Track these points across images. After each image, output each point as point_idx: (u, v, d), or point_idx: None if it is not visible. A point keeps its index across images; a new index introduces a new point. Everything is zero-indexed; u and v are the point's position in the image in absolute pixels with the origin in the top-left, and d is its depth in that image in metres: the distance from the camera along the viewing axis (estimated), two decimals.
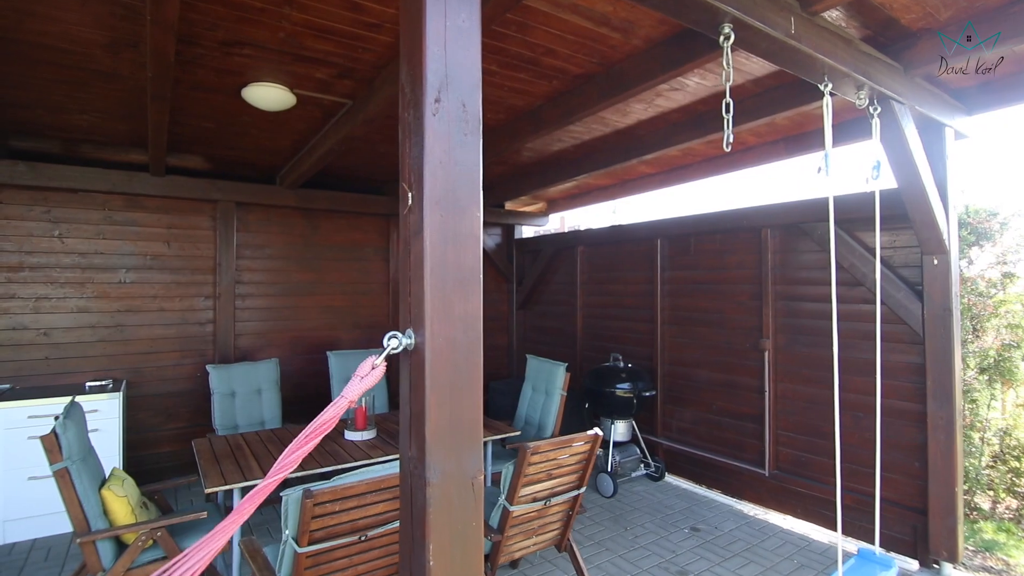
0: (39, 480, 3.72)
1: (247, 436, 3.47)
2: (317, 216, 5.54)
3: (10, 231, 4.24)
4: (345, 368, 4.71)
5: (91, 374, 4.47)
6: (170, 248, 4.81)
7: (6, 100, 3.32)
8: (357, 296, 5.75)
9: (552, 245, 6.32)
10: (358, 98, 3.35)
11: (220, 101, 3.37)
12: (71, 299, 4.43)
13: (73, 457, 2.47)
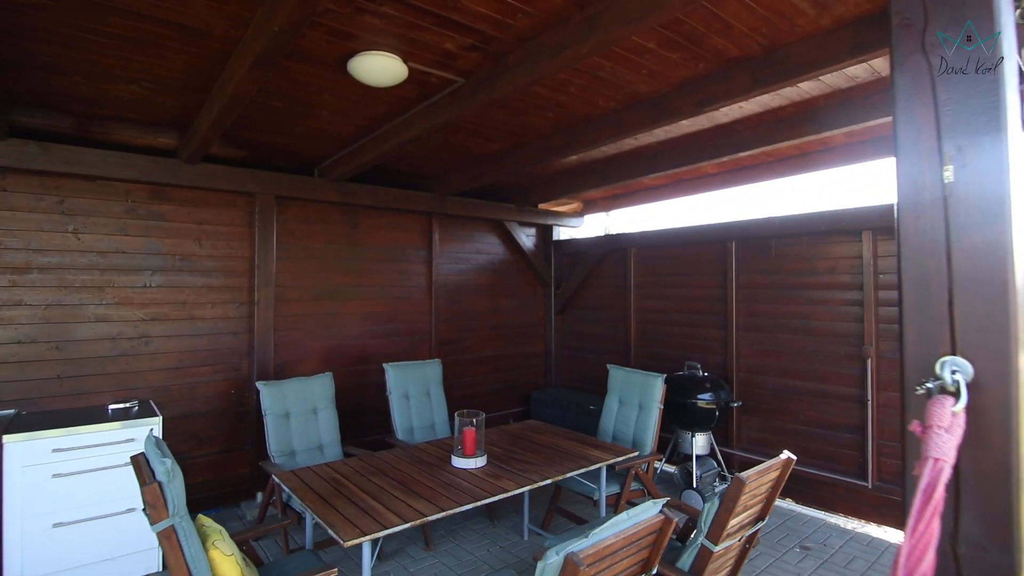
0: (65, 527, 3.07)
1: (336, 468, 2.95)
2: (358, 213, 5.01)
3: (16, 224, 3.55)
4: (404, 382, 4.23)
5: (111, 394, 3.80)
6: (201, 247, 4.18)
7: (38, 61, 2.69)
8: (398, 301, 5.25)
9: (599, 247, 6.01)
10: (475, 77, 2.92)
11: (310, 74, 2.87)
12: (88, 306, 3.75)
13: (179, 512, 1.94)
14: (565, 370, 6.42)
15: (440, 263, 5.54)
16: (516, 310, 6.24)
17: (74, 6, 2.22)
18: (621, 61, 2.82)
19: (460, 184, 5.00)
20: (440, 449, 3.26)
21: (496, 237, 6.09)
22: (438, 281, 5.51)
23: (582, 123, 3.71)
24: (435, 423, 4.27)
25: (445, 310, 5.57)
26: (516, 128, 3.83)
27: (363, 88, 3.05)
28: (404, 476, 2.77)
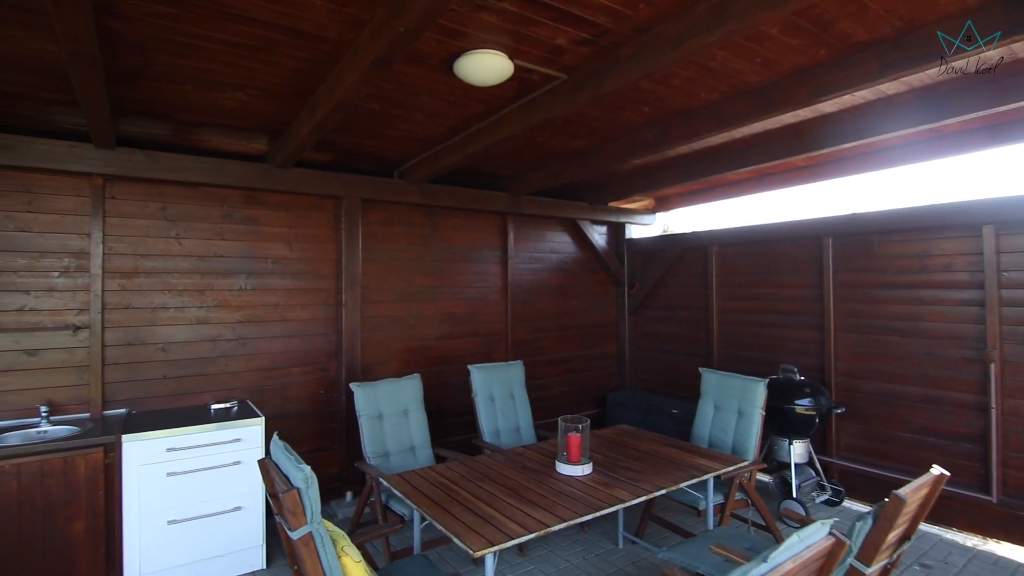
0: (179, 524, 3.16)
1: (442, 472, 2.91)
2: (437, 214, 5.01)
3: (124, 231, 3.69)
4: (488, 383, 4.19)
5: (211, 394, 3.92)
6: (291, 250, 4.26)
7: (154, 71, 2.76)
8: (476, 302, 5.22)
9: (676, 245, 5.82)
10: (579, 73, 2.83)
11: (413, 75, 2.84)
12: (190, 309, 3.87)
13: (316, 519, 1.93)
14: (639, 372, 6.26)
15: (515, 263, 5.49)
16: (588, 310, 6.12)
17: (199, 14, 2.25)
18: (736, 50, 2.67)
19: (538, 183, 4.93)
20: (540, 455, 3.19)
21: (568, 236, 5.99)
22: (513, 281, 5.45)
23: (678, 117, 3.57)
24: (520, 426, 4.21)
25: (520, 310, 5.51)
26: (607, 124, 3.72)
27: (462, 88, 3.01)
28: (512, 483, 2.71)
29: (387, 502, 3.22)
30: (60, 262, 3.51)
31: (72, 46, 2.16)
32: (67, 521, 2.95)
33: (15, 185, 3.40)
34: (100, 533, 3.03)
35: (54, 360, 3.47)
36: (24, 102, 3.04)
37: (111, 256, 3.64)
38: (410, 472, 2.88)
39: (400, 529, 2.60)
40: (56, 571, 2.92)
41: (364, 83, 2.58)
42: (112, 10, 2.18)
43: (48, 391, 3.46)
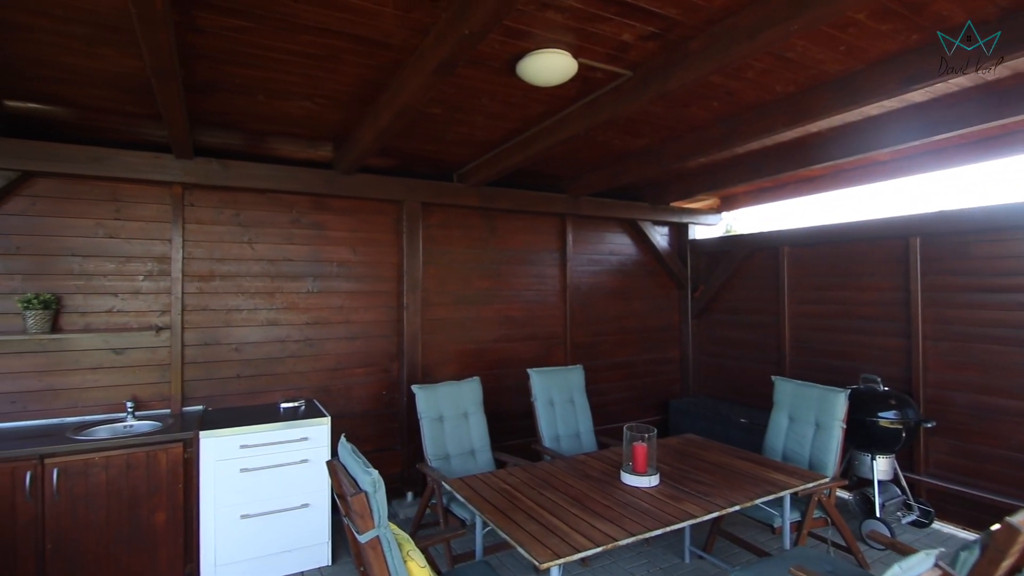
0: (251, 519, 3.28)
1: (503, 478, 2.88)
2: (495, 217, 5.00)
3: (201, 236, 3.88)
4: (548, 388, 4.12)
5: (280, 393, 4.06)
6: (355, 254, 4.36)
7: (229, 83, 2.87)
8: (533, 305, 5.18)
9: (744, 246, 5.57)
10: (645, 69, 2.74)
11: (475, 78, 2.83)
12: (261, 311, 4.03)
13: (383, 523, 1.94)
14: (704, 378, 6.03)
15: (573, 265, 5.41)
16: (650, 313, 5.95)
17: (271, 26, 2.31)
18: (817, 38, 2.50)
19: (597, 184, 4.83)
20: (603, 463, 3.10)
21: (628, 237, 5.85)
22: (572, 284, 5.37)
23: (749, 112, 3.39)
24: (580, 431, 4.13)
25: (579, 313, 5.42)
26: (672, 121, 3.59)
27: (524, 89, 2.98)
28: (576, 492, 2.65)
29: (448, 505, 3.22)
30: (144, 266, 3.73)
31: (156, 62, 2.27)
32: (150, 512, 3.11)
33: (105, 194, 3.64)
34: (179, 524, 3.18)
35: (139, 359, 3.69)
36: (112, 116, 3.24)
37: (190, 260, 3.83)
38: (472, 477, 2.86)
39: (463, 535, 2.58)
40: (141, 559, 3.09)
41: (427, 88, 2.59)
42: (191, 26, 2.28)
43: (133, 388, 3.67)
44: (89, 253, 3.59)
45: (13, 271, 3.41)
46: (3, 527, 2.81)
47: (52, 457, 2.91)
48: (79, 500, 2.96)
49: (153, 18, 1.93)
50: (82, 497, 2.96)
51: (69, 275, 3.54)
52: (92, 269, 3.59)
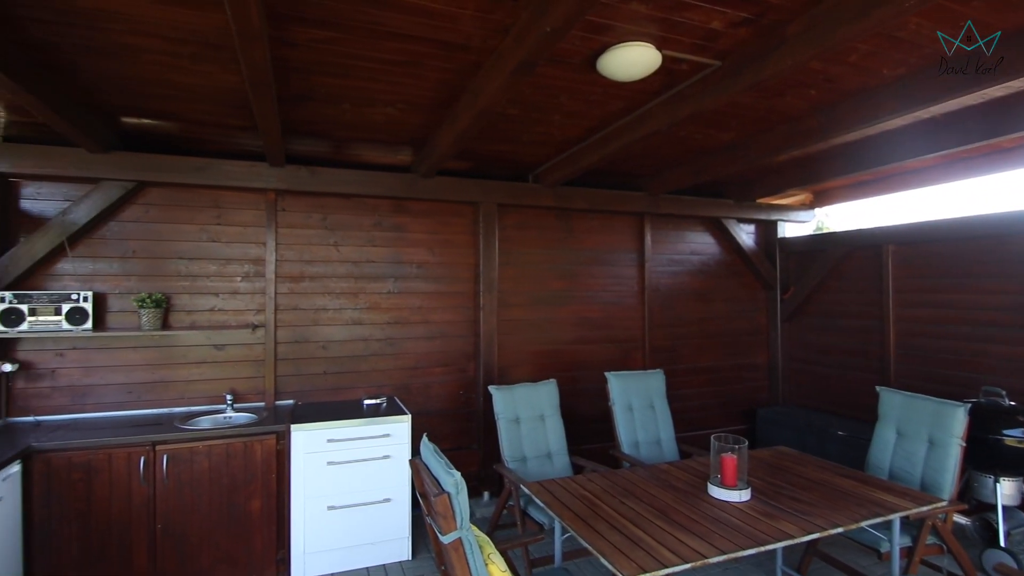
0: (336, 511, 3.41)
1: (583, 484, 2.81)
2: (571, 217, 4.94)
3: (292, 239, 4.09)
4: (627, 392, 4.00)
5: (363, 390, 4.21)
6: (433, 255, 4.45)
7: (317, 93, 2.99)
8: (610, 306, 5.07)
9: (840, 244, 5.16)
10: (735, 58, 2.58)
11: (553, 76, 2.78)
12: (346, 310, 4.20)
13: (465, 525, 1.93)
14: (795, 386, 5.65)
15: (652, 266, 5.23)
16: (734, 316, 5.65)
17: (357, 35, 2.37)
18: (934, 14, 2.25)
19: (678, 181, 4.64)
20: (688, 473, 2.96)
21: (711, 236, 5.59)
22: (650, 285, 5.20)
23: (850, 98, 3.12)
24: (661, 439, 3.98)
25: (658, 316, 5.24)
26: (762, 112, 3.37)
27: (604, 85, 2.90)
28: (660, 503, 2.54)
29: (526, 508, 3.19)
30: (242, 268, 3.98)
31: (253, 76, 2.40)
32: (246, 499, 3.31)
33: (207, 201, 3.92)
34: (273, 512, 3.36)
35: (237, 355, 3.94)
36: (213, 129, 3.47)
37: (282, 263, 4.06)
38: (551, 481, 2.81)
39: (541, 539, 2.54)
40: (238, 543, 3.29)
41: (506, 89, 2.57)
42: (285, 40, 2.38)
43: (232, 382, 3.93)
44: (194, 256, 3.88)
45: (129, 272, 3.75)
46: (122, 507, 3.09)
47: (163, 444, 3.17)
48: (185, 485, 3.20)
49: (251, 34, 2.03)
50: (187, 482, 3.20)
51: (177, 276, 3.84)
52: (196, 271, 3.88)
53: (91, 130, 3.22)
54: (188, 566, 3.19)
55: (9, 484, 2.79)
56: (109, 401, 3.69)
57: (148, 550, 3.13)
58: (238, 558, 3.29)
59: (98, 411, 3.65)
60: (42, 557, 2.96)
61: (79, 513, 3.02)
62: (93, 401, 3.66)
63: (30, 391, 3.55)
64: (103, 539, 3.06)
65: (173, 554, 3.17)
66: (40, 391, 3.56)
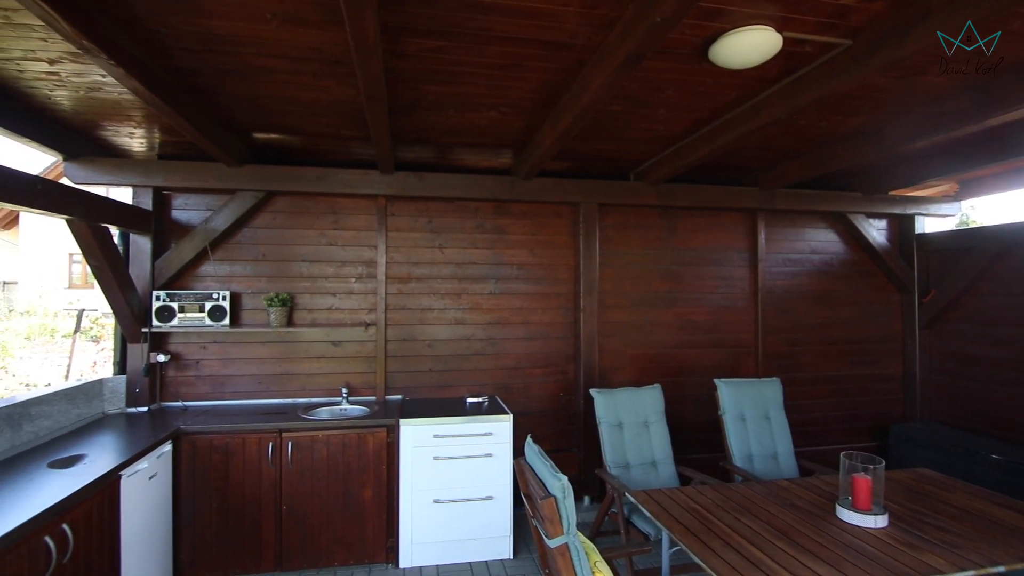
0: (442, 504, 3.52)
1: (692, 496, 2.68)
2: (675, 215, 4.75)
3: (400, 242, 4.29)
4: (739, 401, 3.76)
5: (466, 388, 4.31)
6: (534, 256, 4.47)
7: (425, 101, 3.10)
8: (719, 309, 4.80)
9: (994, 241, 4.50)
10: (868, 35, 2.33)
11: (659, 69, 2.67)
12: (450, 310, 4.33)
13: (572, 530, 1.90)
14: (936, 401, 5.01)
15: (766, 266, 4.89)
16: (862, 321, 5.13)
17: (464, 41, 2.42)
18: None
19: (796, 173, 4.29)
20: (811, 492, 2.71)
21: (834, 233, 5.11)
22: (764, 286, 4.86)
23: (1011, 73, 2.71)
24: (777, 452, 3.70)
25: (773, 320, 4.88)
26: (899, 94, 3.02)
27: (715, 75, 2.74)
28: (780, 522, 2.34)
29: (629, 516, 3.10)
30: (356, 270, 4.23)
31: (368, 88, 2.53)
32: (360, 487, 3.51)
33: (326, 208, 4.21)
34: (383, 501, 3.54)
35: (351, 351, 4.20)
36: (331, 140, 3.71)
37: (391, 264, 4.27)
38: (658, 491, 2.70)
39: (648, 551, 2.45)
40: (352, 527, 3.50)
41: (611, 85, 2.50)
42: (397, 52, 2.49)
43: (347, 376, 4.19)
44: (314, 259, 4.18)
45: (260, 274, 4.12)
46: (253, 487, 3.39)
47: (288, 432, 3.44)
48: (306, 470, 3.45)
49: (367, 48, 2.14)
50: (309, 468, 3.45)
51: (300, 278, 4.17)
52: (316, 272, 4.18)
53: (228, 146, 3.58)
54: (309, 546, 3.44)
55: (162, 461, 3.16)
56: (242, 390, 4.08)
57: (275, 527, 3.41)
58: (352, 542, 3.50)
59: (233, 399, 4.05)
60: (188, 526, 3.33)
61: (218, 490, 3.36)
62: (230, 390, 4.06)
63: (179, 379, 4.01)
64: (238, 514, 3.38)
65: (296, 533, 3.43)
66: (187, 379, 4.02)
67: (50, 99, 2.96)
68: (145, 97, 2.59)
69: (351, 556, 3.49)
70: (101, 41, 2.12)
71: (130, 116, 3.21)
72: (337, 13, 2.15)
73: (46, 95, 2.91)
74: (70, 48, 2.38)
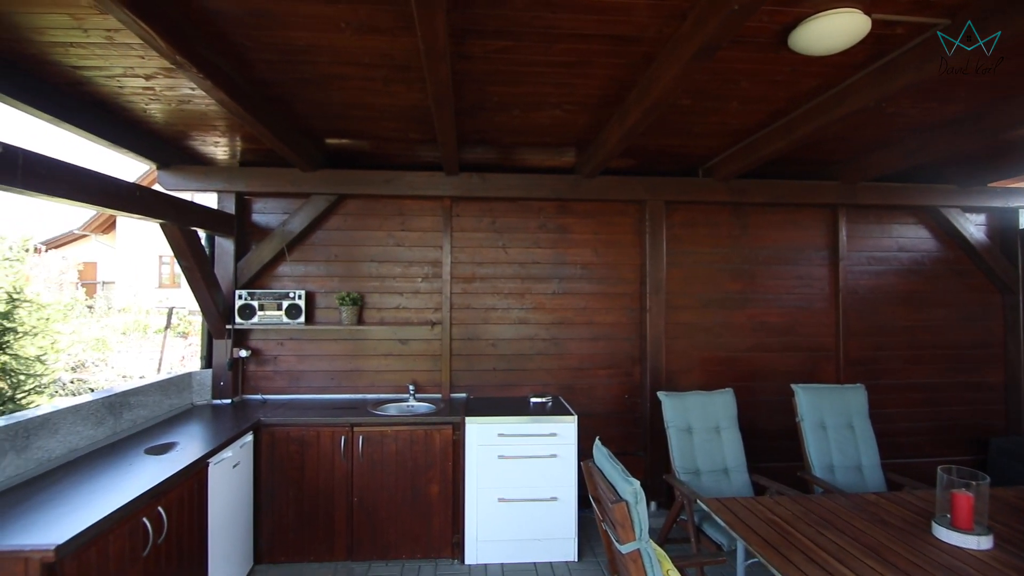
0: (506, 503, 3.53)
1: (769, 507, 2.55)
2: (747, 212, 4.55)
3: (465, 243, 4.34)
4: (818, 409, 3.55)
5: (529, 388, 4.32)
6: (597, 256, 4.41)
7: (489, 102, 3.11)
8: (795, 311, 4.56)
9: None
10: (971, 11, 2.14)
11: (733, 59, 2.56)
12: (513, 310, 4.35)
13: (644, 536, 1.85)
14: None
15: (848, 265, 4.59)
16: (956, 325, 4.73)
17: (530, 41, 2.41)
18: None
19: (883, 166, 4.00)
20: (902, 508, 2.52)
21: (925, 229, 4.74)
22: (846, 287, 4.57)
23: None
24: (862, 464, 3.47)
25: (855, 322, 4.59)
26: (1003, 75, 2.75)
27: (794, 63, 2.60)
28: (869, 539, 2.19)
29: (700, 524, 2.99)
30: (422, 270, 4.32)
31: (437, 92, 2.57)
32: (427, 483, 3.58)
33: (393, 210, 4.33)
34: (449, 498, 3.59)
35: (418, 349, 4.30)
36: (398, 143, 3.80)
37: (456, 264, 4.33)
38: (732, 500, 2.59)
39: (723, 562, 2.35)
40: (419, 522, 3.57)
41: (682, 78, 2.42)
42: (463, 54, 2.51)
43: (413, 373, 4.29)
44: (383, 259, 4.31)
45: (332, 274, 4.28)
46: (326, 478, 3.53)
47: (359, 426, 3.56)
48: (376, 464, 3.55)
49: (437, 53, 2.18)
50: (379, 462, 3.55)
51: (369, 277, 4.30)
52: (385, 272, 4.31)
53: (303, 152, 3.74)
54: (378, 537, 3.55)
55: (244, 451, 3.34)
56: (316, 385, 4.25)
57: (346, 518, 3.54)
58: (419, 536, 3.57)
59: (308, 393, 4.24)
60: (267, 514, 3.50)
61: (294, 480, 3.51)
62: (305, 385, 4.25)
63: (258, 373, 4.23)
64: (312, 503, 3.53)
65: (366, 525, 3.54)
66: (266, 374, 4.24)
67: (145, 112, 3.20)
68: (230, 107, 2.75)
69: (418, 550, 3.57)
70: (192, 56, 2.27)
71: (215, 126, 3.42)
72: (407, 19, 2.19)
73: (142, 108, 3.14)
74: (164, 64, 2.56)
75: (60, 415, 2.74)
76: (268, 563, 3.51)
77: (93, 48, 2.41)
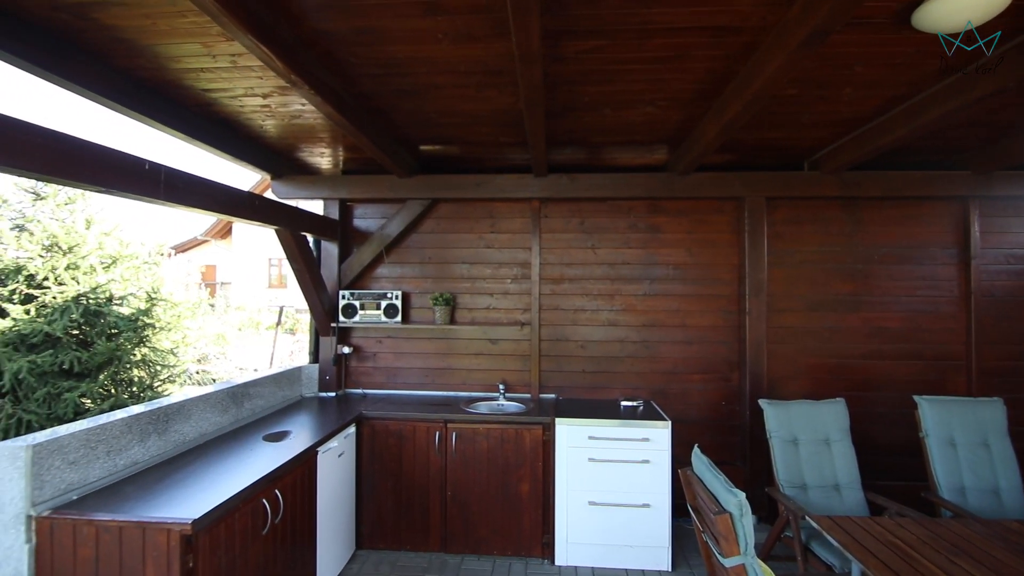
0: (597, 507, 3.49)
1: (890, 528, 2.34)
2: (859, 207, 4.20)
3: (553, 243, 4.35)
4: (947, 424, 3.21)
5: (619, 391, 4.24)
6: (691, 256, 4.25)
7: (579, 102, 3.09)
8: (917, 315, 4.15)
9: None
10: None
11: (845, 43, 2.38)
12: (602, 311, 4.30)
13: (750, 551, 1.77)
14: None
15: (981, 264, 4.10)
16: None
17: (624, 38, 2.37)
18: None
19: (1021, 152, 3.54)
20: None
21: None
22: (979, 289, 4.09)
23: None
24: (999, 487, 3.09)
25: (990, 329, 4.09)
26: None
27: (917, 43, 2.37)
28: (1009, 570, 1.95)
29: (807, 542, 2.80)
30: (511, 271, 4.38)
31: (529, 95, 2.60)
32: (517, 481, 3.62)
33: (484, 212, 4.42)
34: (539, 497, 3.61)
35: (507, 349, 4.36)
36: (488, 147, 3.87)
37: (544, 266, 4.35)
38: (846, 519, 2.40)
39: None
40: (510, 519, 3.62)
41: (788, 67, 2.28)
42: (555, 56, 2.52)
43: (503, 373, 4.36)
44: (473, 261, 4.42)
45: (426, 275, 4.45)
46: (422, 472, 3.68)
47: (452, 423, 3.67)
48: (469, 460, 3.65)
49: (531, 56, 2.20)
50: (471, 458, 3.65)
51: (460, 279, 4.43)
52: (475, 274, 4.41)
53: (400, 159, 3.92)
54: (470, 532, 3.64)
55: (348, 441, 3.56)
56: (411, 382, 4.44)
57: (440, 511, 3.66)
58: (510, 533, 3.62)
59: (404, 389, 4.44)
60: (368, 502, 3.70)
61: (392, 471, 3.69)
62: (401, 381, 4.45)
63: (360, 369, 4.49)
64: (408, 495, 3.68)
65: (459, 518, 3.65)
66: (366, 370, 4.48)
67: (262, 128, 3.50)
68: (336, 120, 2.94)
69: (508, 547, 3.62)
70: (305, 74, 2.45)
71: (321, 138, 3.67)
72: (502, 25, 2.24)
73: (259, 124, 3.43)
74: (279, 83, 2.78)
75: (192, 403, 3.05)
76: (368, 548, 3.71)
77: (220, 72, 2.67)
